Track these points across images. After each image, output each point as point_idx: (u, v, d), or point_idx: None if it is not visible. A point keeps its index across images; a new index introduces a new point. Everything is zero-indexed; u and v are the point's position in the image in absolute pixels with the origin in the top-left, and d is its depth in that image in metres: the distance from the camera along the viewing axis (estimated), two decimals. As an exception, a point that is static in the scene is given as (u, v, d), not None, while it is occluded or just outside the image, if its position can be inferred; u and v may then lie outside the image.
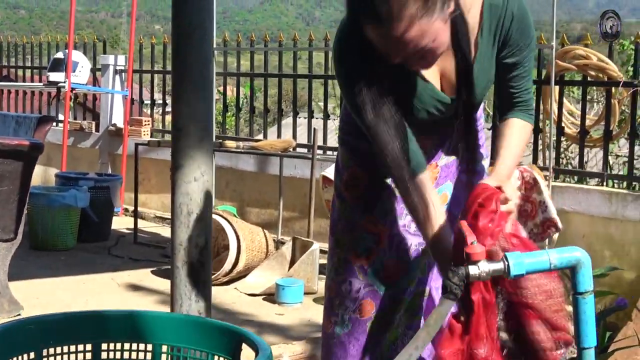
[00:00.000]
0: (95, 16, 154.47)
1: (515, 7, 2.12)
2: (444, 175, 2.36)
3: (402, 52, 1.92)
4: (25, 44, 9.88)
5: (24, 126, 4.29)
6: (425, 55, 1.96)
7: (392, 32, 1.86)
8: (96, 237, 6.57)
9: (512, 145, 2.18)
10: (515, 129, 2.20)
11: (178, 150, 2.44)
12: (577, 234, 5.18)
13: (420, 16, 1.85)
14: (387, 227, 2.35)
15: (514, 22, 2.12)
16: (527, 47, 2.18)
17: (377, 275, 2.36)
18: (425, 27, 1.87)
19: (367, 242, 2.36)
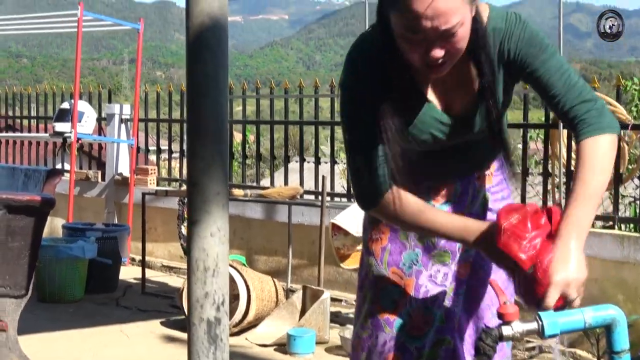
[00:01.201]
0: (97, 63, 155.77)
1: (518, 29, 2.07)
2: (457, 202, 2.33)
3: (429, 32, 1.87)
4: (30, 93, 9.92)
5: (33, 179, 4.27)
6: (447, 47, 1.91)
7: (418, 4, 1.83)
8: (104, 288, 6.53)
9: (582, 177, 1.96)
10: (585, 157, 1.96)
11: (194, 205, 2.41)
12: (589, 278, 5.07)
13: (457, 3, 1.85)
14: (412, 278, 2.32)
15: (517, 41, 2.06)
16: (543, 51, 2.05)
17: (403, 327, 2.32)
18: (458, 4, 1.86)
19: (392, 295, 2.33)
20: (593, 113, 2.00)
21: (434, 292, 2.31)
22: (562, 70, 2.05)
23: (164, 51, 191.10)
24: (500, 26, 2.06)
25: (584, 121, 1.99)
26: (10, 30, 10.20)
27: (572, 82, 2.04)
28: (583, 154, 1.97)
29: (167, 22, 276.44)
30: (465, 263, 2.33)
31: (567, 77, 2.04)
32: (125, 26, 8.97)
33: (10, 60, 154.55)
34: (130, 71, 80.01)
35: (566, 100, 2.02)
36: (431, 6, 1.83)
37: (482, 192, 2.34)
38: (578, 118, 2.00)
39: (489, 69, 2.07)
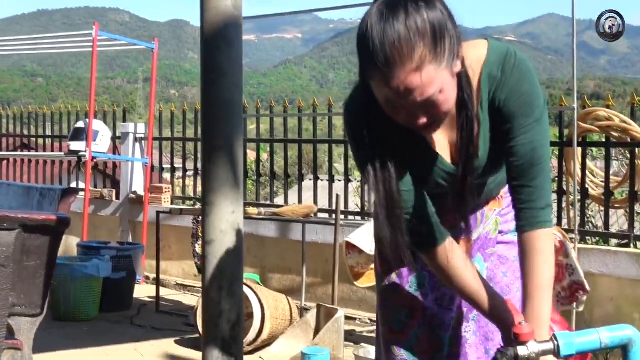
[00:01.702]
0: (111, 82, 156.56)
1: (513, 79, 2.00)
2: (476, 248, 2.32)
3: (407, 104, 1.84)
4: (45, 113, 9.98)
5: (48, 198, 4.28)
6: (431, 112, 1.87)
7: (399, 75, 1.79)
8: (118, 307, 6.54)
9: (531, 274, 1.97)
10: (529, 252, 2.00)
11: (209, 224, 2.43)
12: (605, 297, 5.11)
13: (429, 61, 1.80)
14: (419, 300, 2.32)
15: (508, 92, 2.00)
16: (528, 115, 2.00)
17: (412, 350, 2.31)
18: (432, 75, 1.81)
19: (401, 317, 2.33)
20: (542, 204, 2.02)
21: (440, 315, 2.30)
22: (535, 143, 2.02)
23: (178, 70, 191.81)
24: (496, 74, 2.00)
25: (533, 210, 2.01)
26: (27, 50, 10.28)
27: (537, 160, 2.03)
28: (533, 245, 2.00)
29: (181, 41, 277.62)
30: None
31: (534, 154, 2.02)
32: (139, 46, 9.02)
33: (25, 80, 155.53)
34: (144, 90, 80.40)
35: (524, 182, 2.03)
36: (403, 82, 1.81)
37: (492, 217, 2.32)
38: (527, 204, 2.02)
39: (468, 123, 2.01)
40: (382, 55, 1.79)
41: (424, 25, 1.80)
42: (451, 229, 2.26)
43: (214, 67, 2.54)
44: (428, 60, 1.80)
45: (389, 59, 1.79)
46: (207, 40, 2.53)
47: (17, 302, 3.50)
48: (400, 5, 1.81)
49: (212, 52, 2.54)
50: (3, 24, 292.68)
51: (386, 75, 1.81)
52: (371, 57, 1.81)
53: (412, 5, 1.81)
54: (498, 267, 2.32)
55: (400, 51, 1.78)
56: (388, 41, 1.79)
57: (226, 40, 2.52)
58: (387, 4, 1.83)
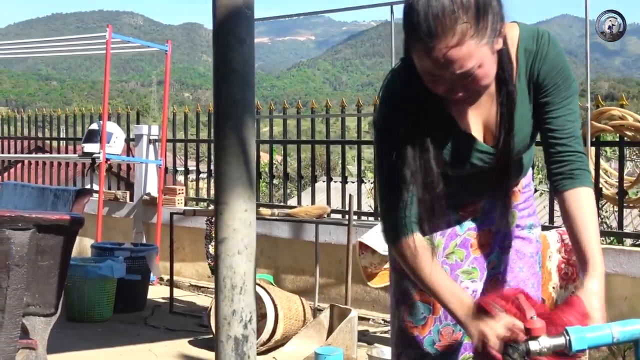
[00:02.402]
0: (125, 85, 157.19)
1: (550, 52, 2.08)
2: (497, 241, 2.32)
3: (446, 75, 1.89)
4: (59, 115, 10.03)
5: (62, 199, 4.30)
6: (469, 85, 1.92)
7: (440, 46, 1.84)
8: (132, 308, 6.56)
9: (590, 226, 2.00)
10: (585, 206, 2.03)
11: (221, 223, 2.43)
12: (619, 296, 5.09)
13: (471, 35, 1.84)
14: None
15: (547, 65, 2.07)
16: (566, 88, 2.09)
17: (433, 345, 2.31)
18: (473, 49, 1.86)
19: (422, 312, 2.33)
20: (583, 166, 2.07)
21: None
22: (573, 116, 2.09)
23: (192, 73, 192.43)
24: (532, 47, 2.07)
25: (577, 172, 2.06)
26: (41, 53, 10.34)
27: (576, 132, 2.10)
28: (584, 200, 2.04)
29: (195, 44, 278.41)
30: (491, 280, 2.32)
31: (575, 120, 2.10)
32: (153, 48, 9.05)
33: (40, 83, 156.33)
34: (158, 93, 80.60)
35: (567, 137, 2.08)
36: (444, 54, 1.85)
37: (510, 209, 2.33)
38: (574, 166, 2.06)
39: (507, 98, 2.07)
40: (425, 26, 1.84)
41: (469, 0, 1.85)
42: (472, 219, 2.26)
43: (225, 65, 2.54)
44: (469, 34, 1.84)
45: (432, 30, 1.83)
46: (219, 37, 2.53)
47: (31, 302, 3.52)
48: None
49: (223, 49, 2.54)
50: (17, 28, 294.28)
51: (427, 45, 1.85)
52: (414, 28, 1.87)
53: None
54: (515, 261, 2.33)
55: (443, 23, 1.83)
56: (432, 12, 1.83)
57: (237, 37, 2.53)
58: None
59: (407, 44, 1.94)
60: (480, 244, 2.30)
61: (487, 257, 2.30)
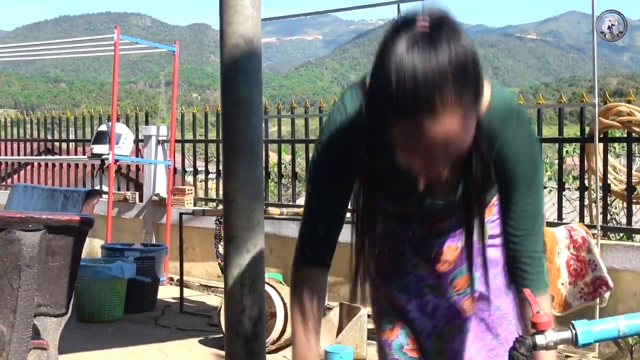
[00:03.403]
0: (133, 87, 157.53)
1: (519, 136, 1.87)
2: (463, 257, 2.26)
3: (428, 149, 1.65)
4: (68, 117, 10.07)
5: (72, 200, 4.32)
6: (448, 155, 1.70)
7: (435, 123, 1.59)
8: (142, 308, 6.59)
9: None
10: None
11: (230, 222, 2.45)
12: (628, 293, 5.09)
13: (467, 105, 1.62)
14: (401, 302, 2.27)
15: (513, 151, 1.87)
16: (530, 178, 1.90)
17: (401, 349, 2.30)
18: (467, 121, 1.64)
19: (389, 315, 2.31)
20: (537, 270, 1.94)
21: (421, 321, 2.26)
22: (534, 210, 1.93)
23: (200, 73, 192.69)
24: (499, 124, 1.85)
25: (532, 273, 1.93)
26: (49, 55, 10.37)
27: (535, 229, 1.94)
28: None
29: (203, 45, 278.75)
30: (468, 299, 2.24)
31: (533, 222, 1.92)
32: (161, 49, 9.08)
33: (49, 85, 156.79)
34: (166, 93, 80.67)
35: (522, 242, 1.94)
36: (437, 128, 1.61)
37: (481, 228, 2.15)
38: (528, 267, 1.93)
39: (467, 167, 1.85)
40: (423, 100, 1.58)
41: (465, 62, 1.61)
42: (439, 237, 2.21)
43: (232, 65, 2.56)
44: (465, 104, 1.61)
45: (432, 104, 1.58)
46: (226, 38, 2.55)
47: (42, 302, 3.54)
48: (436, 37, 1.61)
49: (230, 49, 2.56)
50: (26, 30, 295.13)
51: (421, 120, 1.60)
52: (400, 98, 1.59)
53: (448, 37, 1.61)
54: (489, 270, 2.19)
55: (441, 92, 1.58)
56: (427, 79, 1.58)
57: (245, 37, 2.55)
58: (419, 34, 1.61)
59: (383, 109, 1.64)
60: (444, 260, 2.22)
61: (451, 273, 2.23)
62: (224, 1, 2.56)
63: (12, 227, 3.26)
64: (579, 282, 4.84)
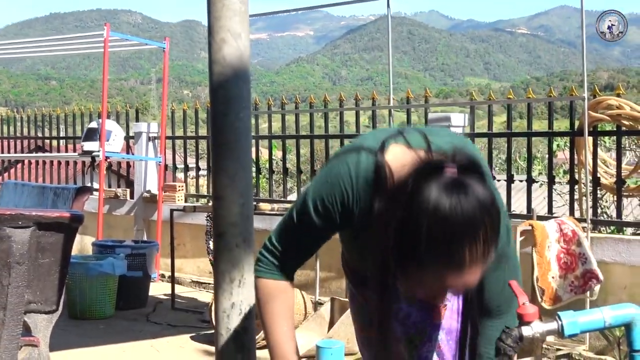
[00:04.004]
0: (124, 84, 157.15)
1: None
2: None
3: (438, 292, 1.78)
4: (59, 114, 10.05)
5: (62, 197, 4.32)
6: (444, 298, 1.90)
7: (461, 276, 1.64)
8: (134, 305, 6.59)
9: None
10: None
11: (219, 218, 2.45)
12: (618, 285, 5.11)
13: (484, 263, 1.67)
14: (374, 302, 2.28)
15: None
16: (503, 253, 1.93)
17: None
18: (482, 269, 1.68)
19: (366, 312, 2.34)
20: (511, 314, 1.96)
21: (394, 327, 2.27)
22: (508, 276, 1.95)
23: (191, 70, 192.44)
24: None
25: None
26: (39, 52, 10.34)
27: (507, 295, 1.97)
28: None
29: (193, 41, 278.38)
30: (440, 307, 2.25)
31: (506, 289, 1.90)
32: (151, 45, 9.06)
33: (39, 83, 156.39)
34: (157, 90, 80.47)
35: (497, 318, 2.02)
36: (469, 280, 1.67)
37: None
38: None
39: None
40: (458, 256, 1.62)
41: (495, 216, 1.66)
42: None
43: (221, 61, 2.56)
44: (490, 258, 1.67)
45: (464, 260, 1.62)
46: (214, 33, 2.55)
47: (32, 299, 3.54)
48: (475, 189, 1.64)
49: (218, 45, 2.56)
50: (16, 28, 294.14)
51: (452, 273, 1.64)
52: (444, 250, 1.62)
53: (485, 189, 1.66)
54: None
55: (479, 250, 1.62)
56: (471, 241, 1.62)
57: (233, 32, 2.55)
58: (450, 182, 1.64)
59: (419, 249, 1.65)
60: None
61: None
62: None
63: (2, 224, 3.26)
64: (569, 275, 4.85)
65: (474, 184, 1.63)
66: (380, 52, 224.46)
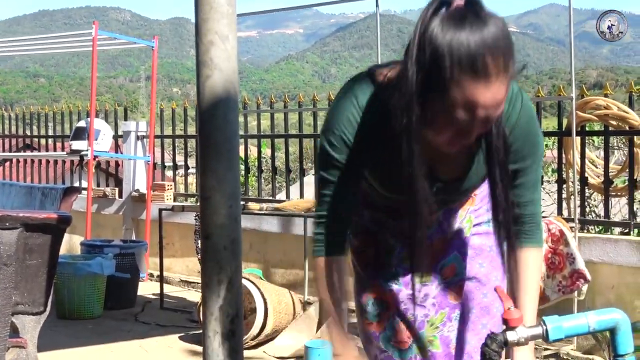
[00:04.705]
0: (114, 81, 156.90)
1: (523, 116, 2.03)
2: (453, 247, 2.32)
3: (477, 118, 1.78)
4: (47, 113, 10.02)
5: (50, 197, 4.31)
6: (480, 131, 1.85)
7: (491, 87, 1.73)
8: (122, 304, 6.58)
9: (531, 289, 2.10)
10: (530, 268, 2.11)
11: (206, 219, 2.45)
12: (606, 285, 5.13)
13: (512, 75, 1.79)
14: (393, 293, 2.31)
15: (520, 130, 2.03)
16: (534, 153, 2.07)
17: (389, 340, 2.33)
18: (505, 92, 1.78)
19: (376, 308, 2.34)
20: (538, 226, 2.17)
21: (413, 311, 2.30)
22: (536, 178, 2.13)
23: (180, 67, 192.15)
24: (506, 107, 1.97)
25: (531, 231, 2.15)
26: (28, 50, 10.31)
27: (537, 195, 2.17)
28: (535, 261, 2.14)
29: (183, 39, 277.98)
30: (456, 287, 2.32)
31: (535, 187, 2.14)
32: (139, 44, 9.05)
33: (28, 80, 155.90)
34: (146, 88, 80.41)
35: (525, 203, 2.13)
36: (493, 95, 1.75)
37: (465, 216, 2.32)
38: (528, 226, 2.14)
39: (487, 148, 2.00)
40: (481, 63, 1.72)
41: (509, 34, 1.78)
42: (428, 229, 2.25)
43: (208, 63, 2.56)
44: (511, 74, 1.78)
45: (488, 69, 1.73)
46: (201, 35, 2.55)
47: (20, 301, 3.53)
48: (479, 13, 1.77)
49: (206, 47, 2.56)
50: (4, 25, 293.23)
51: (477, 85, 1.73)
52: (471, 62, 1.72)
53: (488, 13, 1.77)
54: (474, 258, 2.32)
55: (499, 60, 1.73)
56: (491, 49, 1.73)
57: (220, 34, 2.55)
58: (463, 10, 1.76)
59: (443, 77, 1.74)
60: (434, 252, 2.29)
61: (440, 262, 2.30)
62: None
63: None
64: (557, 275, 4.86)
65: (485, 13, 1.76)
66: (370, 49, 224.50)
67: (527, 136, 2.04)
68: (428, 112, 1.81)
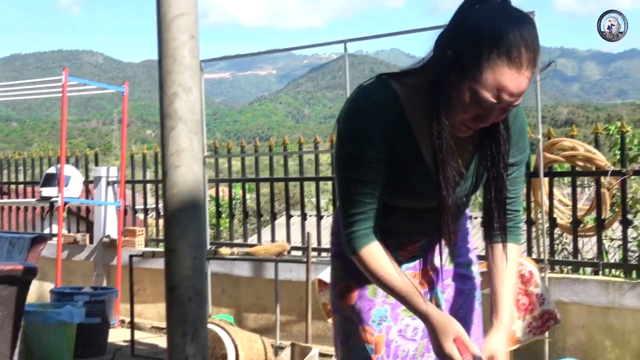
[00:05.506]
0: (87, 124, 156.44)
1: (520, 113, 2.18)
2: (436, 279, 2.36)
3: (498, 104, 1.92)
4: (18, 159, 9.97)
5: (18, 247, 4.29)
6: (497, 118, 1.99)
7: (519, 76, 1.88)
8: (93, 352, 6.50)
9: (510, 281, 2.22)
10: (510, 263, 2.23)
11: (171, 271, 2.43)
12: (576, 325, 5.15)
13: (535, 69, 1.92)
14: (382, 334, 2.32)
15: (518, 125, 2.16)
16: (524, 150, 2.22)
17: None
18: (528, 83, 1.92)
19: (364, 353, 2.34)
20: (519, 223, 2.30)
21: (405, 346, 2.33)
22: (523, 177, 2.29)
23: (153, 110, 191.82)
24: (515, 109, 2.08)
25: (514, 228, 2.26)
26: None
27: (520, 192, 2.30)
28: (514, 255, 2.26)
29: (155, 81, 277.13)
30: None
31: (521, 187, 2.32)
32: (110, 90, 9.04)
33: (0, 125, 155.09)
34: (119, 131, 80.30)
35: (514, 198, 2.25)
36: (519, 84, 1.90)
37: (450, 249, 2.37)
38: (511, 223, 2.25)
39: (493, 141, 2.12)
40: (516, 52, 1.86)
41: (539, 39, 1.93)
42: (411, 259, 2.30)
43: (172, 115, 2.56)
44: (534, 71, 1.92)
45: (522, 59, 1.87)
46: (165, 87, 2.56)
47: (-15, 353, 3.49)
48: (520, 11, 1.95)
49: (170, 99, 2.56)
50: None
51: (510, 71, 1.88)
52: (509, 50, 1.87)
53: (527, 15, 1.94)
54: (455, 298, 2.38)
55: (531, 54, 1.88)
56: (525, 43, 1.88)
57: (184, 86, 2.55)
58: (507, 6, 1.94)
59: (479, 59, 1.90)
60: (420, 283, 2.33)
61: (427, 294, 2.34)
62: (163, 50, 2.57)
63: (-47, 278, 3.23)
64: (527, 316, 4.87)
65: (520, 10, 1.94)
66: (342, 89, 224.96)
67: (522, 133, 2.19)
68: (455, 91, 1.94)
